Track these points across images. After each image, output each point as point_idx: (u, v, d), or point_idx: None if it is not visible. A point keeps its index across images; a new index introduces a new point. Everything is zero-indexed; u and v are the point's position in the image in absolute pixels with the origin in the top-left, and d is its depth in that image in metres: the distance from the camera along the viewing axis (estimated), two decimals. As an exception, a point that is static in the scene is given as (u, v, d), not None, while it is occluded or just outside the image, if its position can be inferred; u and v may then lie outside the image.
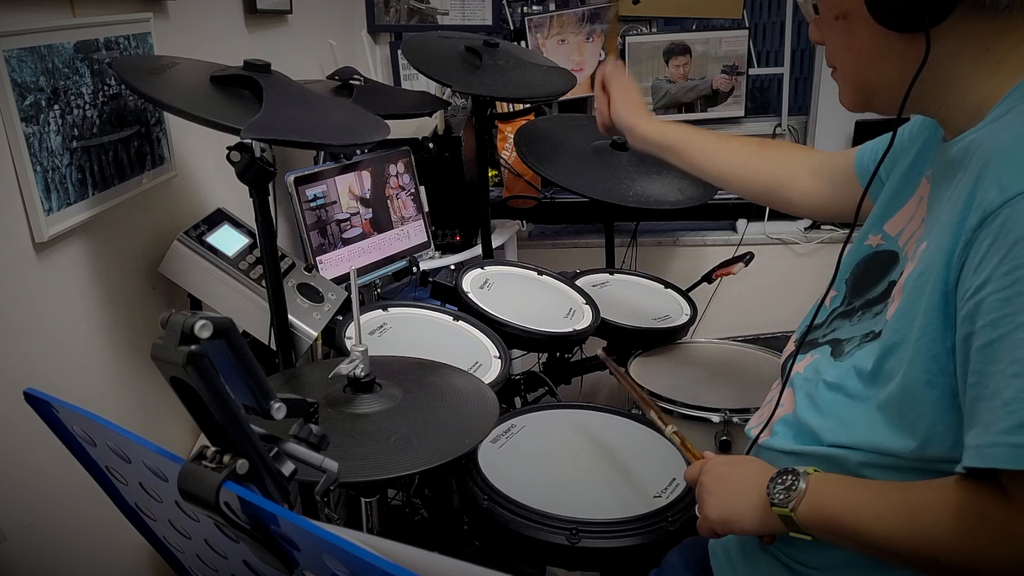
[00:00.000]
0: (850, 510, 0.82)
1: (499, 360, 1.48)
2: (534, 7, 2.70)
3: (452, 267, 1.78)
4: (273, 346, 1.34)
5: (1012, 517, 0.71)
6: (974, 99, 0.81)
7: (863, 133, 2.57)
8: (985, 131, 0.80)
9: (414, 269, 1.90)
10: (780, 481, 0.87)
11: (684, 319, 1.80)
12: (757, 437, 1.00)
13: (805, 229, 2.63)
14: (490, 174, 2.55)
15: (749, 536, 0.95)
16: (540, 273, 1.86)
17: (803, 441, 0.93)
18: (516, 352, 1.69)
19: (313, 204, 1.67)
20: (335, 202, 1.72)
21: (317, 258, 1.67)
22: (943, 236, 0.77)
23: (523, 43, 2.66)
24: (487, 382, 1.29)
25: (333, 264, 1.71)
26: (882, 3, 0.79)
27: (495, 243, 2.21)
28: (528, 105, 2.49)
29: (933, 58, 0.79)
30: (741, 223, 2.69)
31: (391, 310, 1.61)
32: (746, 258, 1.97)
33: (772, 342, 2.11)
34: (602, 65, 1.30)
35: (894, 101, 0.86)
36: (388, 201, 1.86)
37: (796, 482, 0.85)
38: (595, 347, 1.83)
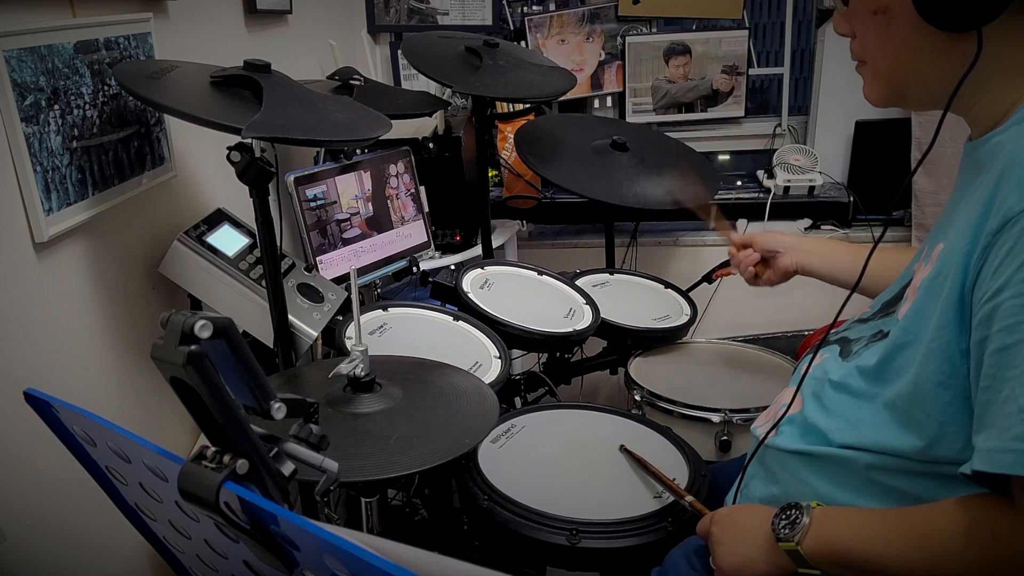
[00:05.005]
0: (860, 539, 0.81)
1: (499, 360, 1.48)
2: (534, 7, 2.69)
3: (452, 267, 1.77)
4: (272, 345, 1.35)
5: (1020, 530, 0.71)
6: (1007, 98, 0.80)
7: (864, 134, 2.57)
8: (1009, 133, 0.79)
9: (414, 269, 1.90)
10: (784, 516, 0.87)
11: (684, 319, 1.80)
12: (764, 437, 1.00)
13: (805, 229, 2.63)
14: (490, 174, 2.55)
15: None
16: (540, 273, 1.86)
17: (810, 440, 0.93)
18: (516, 352, 1.69)
19: (313, 204, 1.67)
20: (335, 202, 1.72)
21: (317, 258, 1.67)
22: (961, 238, 0.77)
23: (523, 43, 2.66)
24: (487, 382, 1.29)
25: (333, 264, 1.71)
26: (932, 1, 0.77)
27: (495, 243, 2.20)
28: (528, 105, 2.49)
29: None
30: (741, 223, 2.68)
31: (391, 310, 1.60)
32: (747, 258, 1.97)
33: (772, 342, 2.11)
34: (735, 240, 1.50)
35: (926, 98, 0.85)
36: (388, 201, 1.86)
37: (800, 516, 0.85)
38: (595, 347, 1.84)
